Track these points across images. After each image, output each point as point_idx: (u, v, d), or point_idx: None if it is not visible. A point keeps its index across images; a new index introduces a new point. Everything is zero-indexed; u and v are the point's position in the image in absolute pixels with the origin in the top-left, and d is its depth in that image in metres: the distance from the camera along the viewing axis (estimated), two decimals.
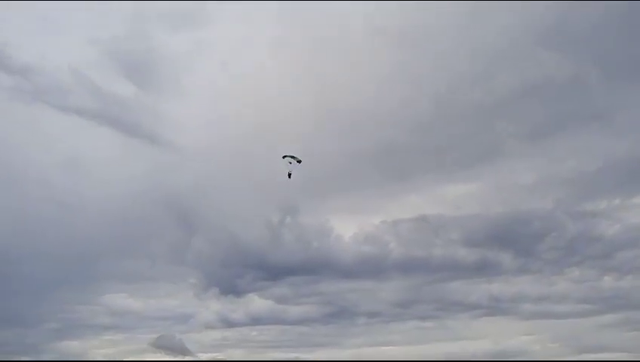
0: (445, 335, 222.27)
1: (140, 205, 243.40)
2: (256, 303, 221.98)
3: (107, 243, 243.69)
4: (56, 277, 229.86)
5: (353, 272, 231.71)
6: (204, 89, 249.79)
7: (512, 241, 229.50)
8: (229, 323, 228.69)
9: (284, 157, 43.52)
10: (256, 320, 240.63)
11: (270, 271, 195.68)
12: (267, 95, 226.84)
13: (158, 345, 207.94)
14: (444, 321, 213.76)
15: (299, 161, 42.87)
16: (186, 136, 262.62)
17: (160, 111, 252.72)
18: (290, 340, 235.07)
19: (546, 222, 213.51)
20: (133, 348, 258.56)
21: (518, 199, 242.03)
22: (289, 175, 44.16)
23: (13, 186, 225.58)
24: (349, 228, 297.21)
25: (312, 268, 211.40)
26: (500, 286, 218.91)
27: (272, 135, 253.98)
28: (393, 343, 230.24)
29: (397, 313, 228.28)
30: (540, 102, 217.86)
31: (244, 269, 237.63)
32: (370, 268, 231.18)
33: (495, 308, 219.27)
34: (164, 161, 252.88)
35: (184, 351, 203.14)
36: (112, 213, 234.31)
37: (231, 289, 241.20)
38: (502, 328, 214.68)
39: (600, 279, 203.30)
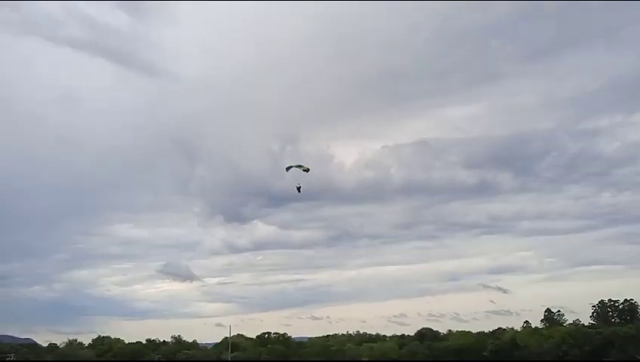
0: (445, 254, 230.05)
1: (141, 136, 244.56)
2: (261, 229, 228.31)
3: (110, 175, 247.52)
4: (62, 210, 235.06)
5: (355, 197, 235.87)
6: (199, 18, 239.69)
7: (512, 161, 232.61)
8: (234, 249, 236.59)
9: (288, 168, 39.04)
10: (260, 246, 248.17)
11: (273, 198, 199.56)
12: (267, 23, 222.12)
13: (166, 271, 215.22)
14: (444, 241, 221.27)
15: (306, 170, 39.13)
16: (183, 65, 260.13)
17: (155, 40, 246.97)
18: (294, 263, 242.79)
19: (547, 142, 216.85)
20: (143, 276, 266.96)
21: (519, 120, 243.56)
22: (298, 189, 40.53)
23: (11, 122, 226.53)
24: (350, 154, 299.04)
25: (314, 194, 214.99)
26: (499, 206, 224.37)
27: (273, 63, 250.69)
28: (394, 263, 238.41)
29: (398, 234, 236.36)
30: (540, 22, 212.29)
31: (247, 197, 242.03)
32: (372, 192, 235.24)
33: (494, 226, 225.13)
34: (162, 92, 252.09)
35: (191, 276, 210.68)
36: (112, 145, 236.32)
37: (235, 217, 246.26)
38: (500, 245, 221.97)
39: (598, 195, 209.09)
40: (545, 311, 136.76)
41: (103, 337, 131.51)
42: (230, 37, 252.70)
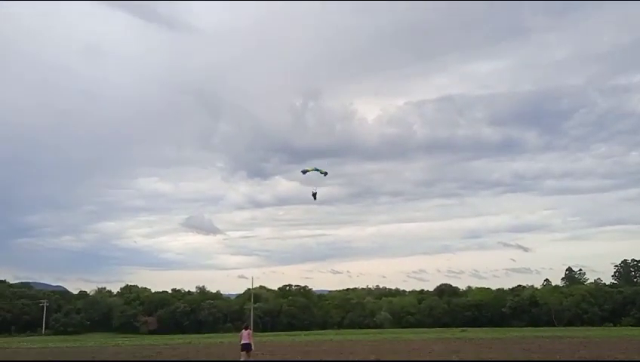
0: (467, 212, 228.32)
1: (165, 91, 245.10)
2: (283, 185, 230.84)
3: (135, 129, 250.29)
4: (90, 163, 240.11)
5: (377, 154, 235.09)
6: None
7: (538, 119, 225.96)
8: (256, 204, 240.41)
9: (304, 172, 35.46)
10: (282, 201, 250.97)
11: (295, 154, 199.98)
12: None
13: (189, 224, 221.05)
14: (467, 198, 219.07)
15: (324, 174, 35.31)
16: (203, 18, 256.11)
17: None
18: (315, 218, 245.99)
19: (576, 99, 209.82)
20: (167, 228, 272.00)
21: (547, 76, 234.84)
22: (314, 195, 37.20)
23: (38, 76, 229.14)
24: (372, 110, 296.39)
25: (336, 150, 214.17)
26: (524, 164, 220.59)
27: (295, 15, 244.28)
28: (416, 220, 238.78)
29: (420, 192, 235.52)
30: None
31: (269, 153, 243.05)
32: (394, 149, 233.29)
33: (518, 185, 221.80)
34: (183, 45, 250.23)
35: (214, 229, 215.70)
36: (136, 100, 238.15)
37: (258, 173, 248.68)
38: (523, 204, 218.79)
39: (627, 154, 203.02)
40: (566, 270, 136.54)
41: (131, 286, 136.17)
42: None
